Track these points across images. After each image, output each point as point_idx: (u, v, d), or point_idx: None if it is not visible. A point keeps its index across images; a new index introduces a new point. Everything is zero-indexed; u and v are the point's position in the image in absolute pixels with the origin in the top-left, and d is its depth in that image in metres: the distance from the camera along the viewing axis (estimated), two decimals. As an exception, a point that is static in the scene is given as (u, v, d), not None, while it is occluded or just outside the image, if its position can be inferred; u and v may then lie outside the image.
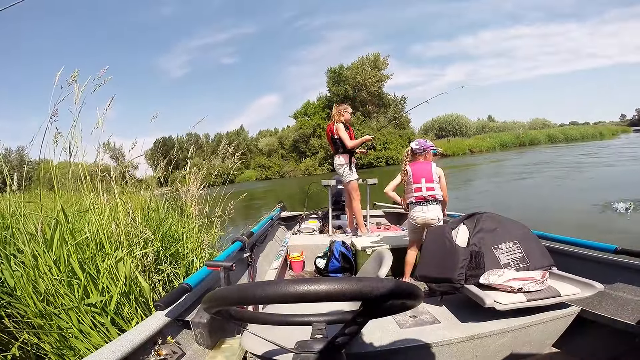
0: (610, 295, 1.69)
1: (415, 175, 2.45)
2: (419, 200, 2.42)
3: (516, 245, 1.84)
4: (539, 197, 7.63)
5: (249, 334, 1.15)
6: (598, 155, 15.45)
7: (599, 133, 40.13)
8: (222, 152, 3.06)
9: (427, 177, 2.43)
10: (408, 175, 2.49)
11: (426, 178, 2.42)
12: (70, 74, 1.79)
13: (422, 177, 2.43)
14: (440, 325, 1.60)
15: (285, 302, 0.48)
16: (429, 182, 2.41)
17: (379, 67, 33.04)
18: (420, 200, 2.42)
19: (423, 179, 2.43)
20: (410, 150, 2.56)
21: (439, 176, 2.45)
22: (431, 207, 2.40)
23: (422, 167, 2.46)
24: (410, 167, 2.49)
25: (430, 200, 2.40)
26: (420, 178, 2.43)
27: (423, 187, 2.41)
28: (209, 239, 2.55)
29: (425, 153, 2.52)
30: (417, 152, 2.52)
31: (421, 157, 2.53)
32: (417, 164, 2.50)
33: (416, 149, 2.53)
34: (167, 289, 2.02)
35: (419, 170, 2.46)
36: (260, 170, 36.16)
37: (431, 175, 2.43)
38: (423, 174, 2.44)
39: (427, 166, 2.47)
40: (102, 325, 1.54)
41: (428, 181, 2.42)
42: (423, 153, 2.52)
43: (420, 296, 0.55)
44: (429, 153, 2.54)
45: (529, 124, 49.10)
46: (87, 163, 2.08)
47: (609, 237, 4.18)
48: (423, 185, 2.41)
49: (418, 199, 2.42)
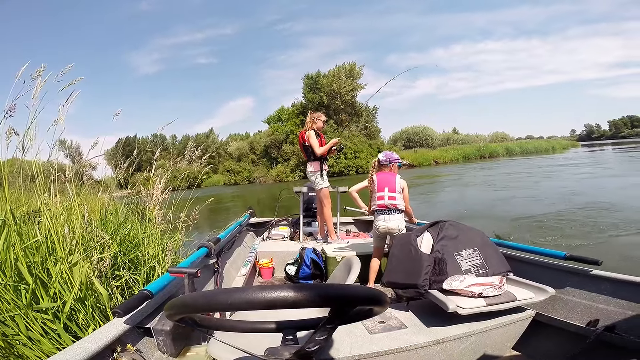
0: (562, 299, 1.81)
1: (380, 184, 2.59)
2: (381, 209, 2.55)
3: (476, 252, 1.93)
4: (497, 205, 8.12)
5: (215, 341, 1.11)
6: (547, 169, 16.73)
7: (551, 147, 43.61)
8: (188, 154, 2.96)
9: (390, 186, 2.57)
10: (373, 183, 2.63)
11: (389, 187, 2.57)
12: (36, 69, 1.69)
13: (386, 186, 2.57)
14: (407, 330, 1.64)
15: (253, 309, 0.47)
16: (391, 192, 2.56)
17: (354, 76, 33.65)
18: (382, 209, 2.55)
19: (386, 188, 2.57)
20: (377, 161, 2.71)
21: (402, 187, 2.60)
22: (393, 217, 2.54)
23: (386, 178, 2.61)
24: (376, 176, 2.63)
25: (392, 209, 2.54)
26: (383, 187, 2.57)
27: (385, 195, 2.55)
28: (172, 245, 2.45)
29: (390, 165, 2.69)
30: (384, 164, 2.68)
31: (387, 169, 2.68)
32: (383, 174, 2.64)
33: (383, 160, 2.68)
34: (125, 295, 1.91)
35: (383, 180, 2.60)
36: (228, 175, 35.19)
37: (394, 185, 2.57)
38: (387, 184, 2.58)
39: (391, 177, 2.61)
40: (54, 332, 1.44)
41: (391, 190, 2.56)
42: (389, 165, 2.68)
43: (386, 302, 0.57)
44: (394, 165, 2.71)
45: (490, 137, 52.35)
46: (39, 161, 1.93)
47: (558, 243, 4.53)
48: (386, 194, 2.56)
49: (380, 207, 2.56)
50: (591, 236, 4.90)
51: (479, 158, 36.96)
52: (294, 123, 33.32)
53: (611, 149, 38.24)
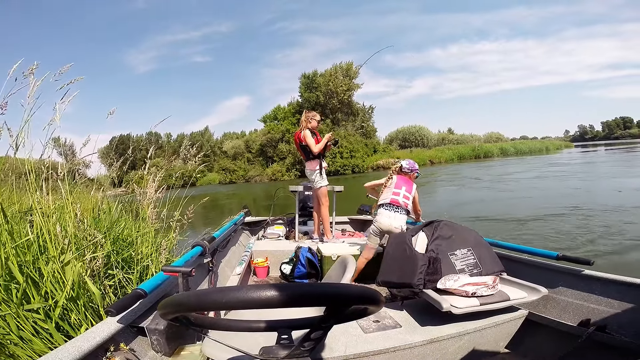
0: (554, 299, 1.84)
1: (398, 183, 2.72)
2: (393, 204, 2.62)
3: (470, 252, 1.95)
4: (491, 205, 8.18)
5: (210, 340, 1.11)
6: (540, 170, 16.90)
7: (545, 147, 44.02)
8: (183, 153, 2.94)
9: (407, 188, 2.71)
10: (392, 180, 2.76)
11: (407, 189, 2.70)
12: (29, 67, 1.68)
13: (404, 186, 2.70)
14: (402, 329, 1.65)
15: (248, 308, 0.47)
16: (407, 192, 2.68)
17: (351, 75, 33.61)
18: (393, 204, 2.62)
19: (404, 187, 2.70)
20: (400, 167, 2.85)
21: (415, 195, 2.74)
22: (399, 216, 2.59)
23: (406, 180, 2.76)
24: (396, 176, 2.78)
25: (402, 207, 2.61)
26: (401, 186, 2.70)
27: (401, 193, 2.67)
28: (166, 244, 2.43)
29: (411, 173, 2.84)
30: (405, 171, 2.83)
31: (406, 176, 2.82)
32: (402, 177, 2.79)
33: (405, 167, 2.84)
34: (118, 295, 1.90)
35: (402, 180, 2.75)
36: (224, 173, 34.95)
37: (411, 189, 2.72)
38: (405, 185, 2.72)
39: (410, 182, 2.76)
40: (45, 332, 1.42)
41: (407, 191, 2.69)
42: (409, 173, 2.83)
43: (381, 301, 0.57)
44: (414, 175, 2.86)
45: (485, 137, 52.61)
46: (32, 159, 1.91)
47: (550, 244, 4.58)
48: (402, 192, 2.67)
49: (393, 202, 2.63)
50: (583, 236, 4.96)
51: (473, 158, 37.18)
52: (290, 122, 33.24)
53: (604, 149, 38.70)
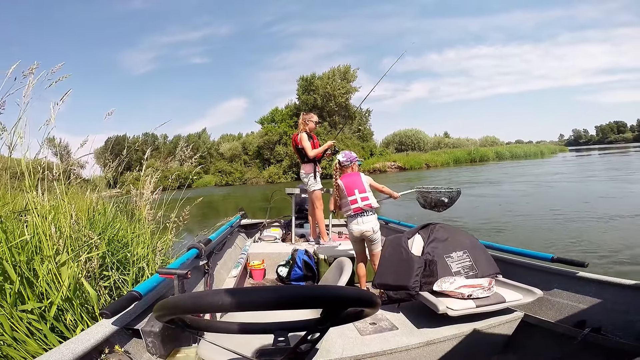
0: (549, 301, 1.85)
1: (348, 188, 2.51)
2: (357, 212, 2.47)
3: (466, 254, 1.96)
4: (486, 209, 8.23)
5: (206, 343, 1.10)
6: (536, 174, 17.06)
7: (540, 152, 44.25)
8: (179, 154, 2.93)
9: (359, 187, 2.50)
10: (340, 189, 2.55)
11: (359, 189, 2.50)
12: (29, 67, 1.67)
13: (355, 188, 2.50)
14: (399, 331, 1.65)
15: (244, 311, 0.47)
16: (362, 193, 2.49)
17: (349, 79, 33.78)
18: (358, 212, 2.47)
19: (356, 190, 2.49)
20: (338, 164, 2.65)
21: (369, 184, 2.55)
22: (366, 219, 2.47)
23: (352, 180, 2.54)
24: (341, 181, 2.56)
25: (366, 210, 2.47)
26: (353, 190, 2.50)
27: (358, 198, 2.48)
28: (162, 245, 2.41)
29: (351, 165, 2.63)
30: (345, 165, 2.63)
31: (349, 169, 2.63)
32: (347, 176, 2.58)
33: (344, 161, 2.63)
34: (114, 296, 1.88)
35: (350, 183, 2.53)
36: (220, 175, 34.82)
37: (363, 185, 2.51)
38: (355, 186, 2.51)
39: (356, 177, 2.56)
40: (40, 333, 1.41)
41: (361, 192, 2.49)
42: (350, 165, 2.63)
43: (377, 303, 0.57)
44: (355, 164, 2.66)
45: (480, 141, 52.97)
46: (27, 159, 1.89)
47: (546, 247, 4.61)
48: (357, 196, 2.48)
49: (356, 211, 2.47)
50: (578, 238, 5.00)
51: (469, 162, 37.37)
52: (288, 124, 33.24)
53: (598, 153, 39.12)
